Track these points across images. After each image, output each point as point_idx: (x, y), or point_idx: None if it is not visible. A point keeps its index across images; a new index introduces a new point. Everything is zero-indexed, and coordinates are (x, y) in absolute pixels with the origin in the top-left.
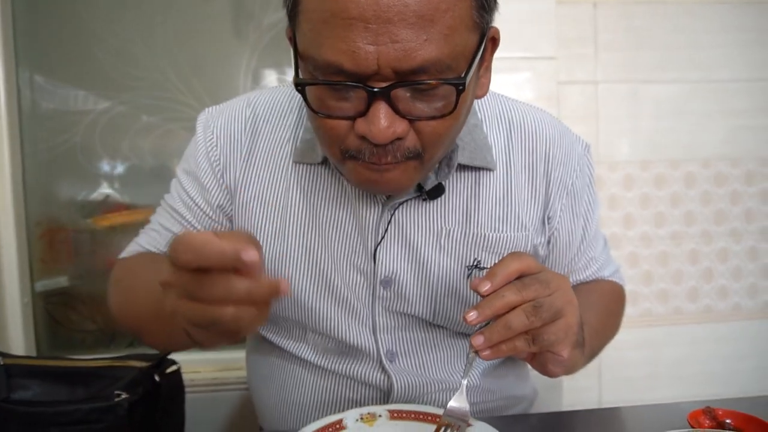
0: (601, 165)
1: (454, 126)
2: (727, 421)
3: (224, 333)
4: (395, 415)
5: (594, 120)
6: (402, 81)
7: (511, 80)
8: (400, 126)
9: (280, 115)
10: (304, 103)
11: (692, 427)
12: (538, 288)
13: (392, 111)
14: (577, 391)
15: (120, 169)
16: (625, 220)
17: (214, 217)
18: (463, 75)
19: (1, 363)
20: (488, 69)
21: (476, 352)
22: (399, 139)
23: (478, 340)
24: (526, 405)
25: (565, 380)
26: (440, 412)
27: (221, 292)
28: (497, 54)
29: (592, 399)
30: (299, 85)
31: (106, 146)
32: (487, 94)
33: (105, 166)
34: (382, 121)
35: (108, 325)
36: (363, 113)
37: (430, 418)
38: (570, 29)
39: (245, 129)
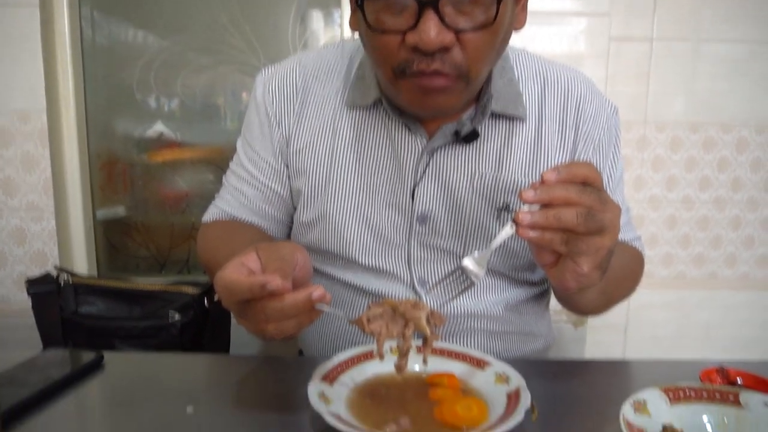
0: (648, 125)
1: (494, 41)
2: (738, 380)
3: (275, 338)
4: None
5: (645, 78)
6: None
7: (563, 34)
8: (447, 36)
9: (328, 71)
10: (351, 56)
11: (703, 383)
12: (596, 200)
13: (440, 21)
14: (601, 345)
15: (173, 107)
16: (668, 181)
17: (275, 166)
18: None
19: (70, 282)
20: (524, 8)
21: (513, 227)
22: (446, 50)
23: (525, 216)
24: (543, 342)
25: (589, 334)
26: (465, 350)
27: (259, 316)
28: (549, 7)
29: (616, 354)
30: (359, 0)
31: (160, 85)
32: (527, 56)
33: (159, 105)
34: (431, 30)
35: (160, 252)
36: (413, 26)
37: (455, 355)
38: None
39: (297, 85)
